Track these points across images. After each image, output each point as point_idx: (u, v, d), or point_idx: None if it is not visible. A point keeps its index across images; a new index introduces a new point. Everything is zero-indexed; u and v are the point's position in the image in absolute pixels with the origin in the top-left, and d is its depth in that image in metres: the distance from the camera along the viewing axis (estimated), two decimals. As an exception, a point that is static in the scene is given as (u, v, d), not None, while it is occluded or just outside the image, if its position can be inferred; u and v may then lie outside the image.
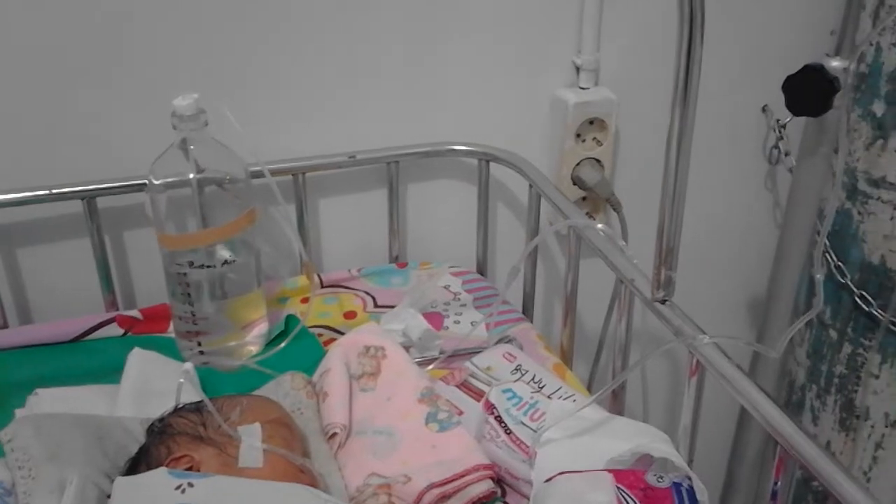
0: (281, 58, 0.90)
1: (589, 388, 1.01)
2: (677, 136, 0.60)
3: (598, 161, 1.02)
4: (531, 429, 0.70)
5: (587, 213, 1.08)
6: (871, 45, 0.89)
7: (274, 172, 0.87)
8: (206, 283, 0.78)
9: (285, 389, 0.73)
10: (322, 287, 0.95)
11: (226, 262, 0.78)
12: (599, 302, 1.04)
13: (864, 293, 0.96)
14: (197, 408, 0.66)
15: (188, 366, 0.69)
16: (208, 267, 0.78)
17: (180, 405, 0.67)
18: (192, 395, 0.68)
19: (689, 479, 0.60)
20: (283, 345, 0.81)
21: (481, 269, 1.03)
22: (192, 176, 0.76)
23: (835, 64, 0.74)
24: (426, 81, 0.96)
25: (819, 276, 0.65)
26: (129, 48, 0.85)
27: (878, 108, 0.90)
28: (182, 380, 0.68)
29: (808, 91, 0.74)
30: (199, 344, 0.81)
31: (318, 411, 0.71)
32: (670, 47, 0.59)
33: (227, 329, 0.81)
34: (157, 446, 0.63)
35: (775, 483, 0.55)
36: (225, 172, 0.77)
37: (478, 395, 0.75)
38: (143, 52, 0.85)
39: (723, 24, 1.03)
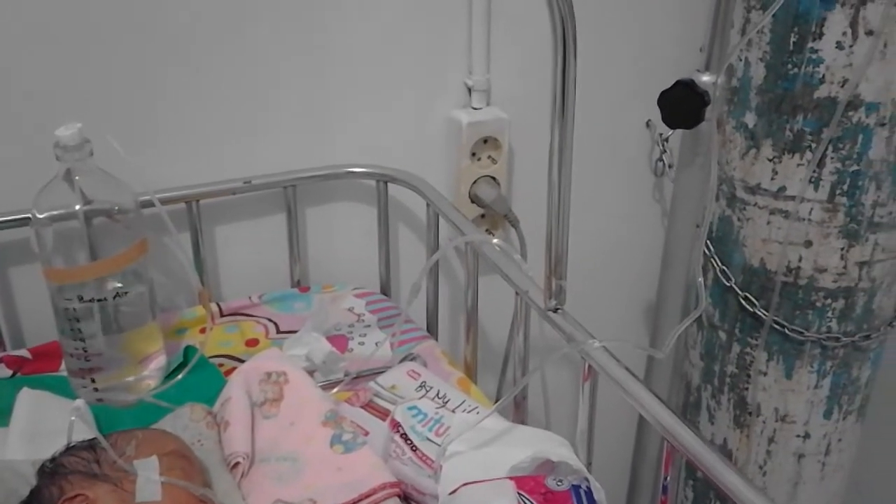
0: (170, 83, 0.89)
1: (496, 401, 1.03)
2: (558, 150, 0.63)
3: (494, 179, 1.05)
4: (437, 444, 0.70)
5: (487, 230, 1.10)
6: (741, 60, 0.95)
7: (166, 201, 0.86)
8: (97, 317, 0.76)
9: (184, 422, 0.71)
10: (222, 316, 0.94)
11: (117, 294, 0.76)
12: (503, 316, 1.06)
13: (748, 295, 1.01)
14: (90, 445, 0.64)
15: (79, 402, 0.67)
16: (98, 301, 0.75)
17: (72, 443, 0.65)
18: (85, 433, 0.66)
19: (588, 480, 0.61)
20: (180, 377, 0.79)
21: (385, 290, 1.04)
22: (78, 207, 0.74)
23: (705, 78, 0.78)
24: (322, 105, 0.96)
25: (700, 280, 0.69)
26: (6, 77, 0.82)
27: (750, 119, 0.95)
28: (73, 417, 0.65)
29: (681, 105, 0.78)
30: (93, 381, 0.78)
31: (219, 442, 0.70)
32: (554, 67, 0.62)
33: (123, 364, 0.79)
34: (48, 487, 0.61)
35: (665, 477, 0.58)
36: (113, 203, 0.75)
37: (383, 414, 0.76)
38: (21, 80, 0.83)
39: (605, 45, 1.08)
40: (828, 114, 0.90)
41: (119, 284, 0.76)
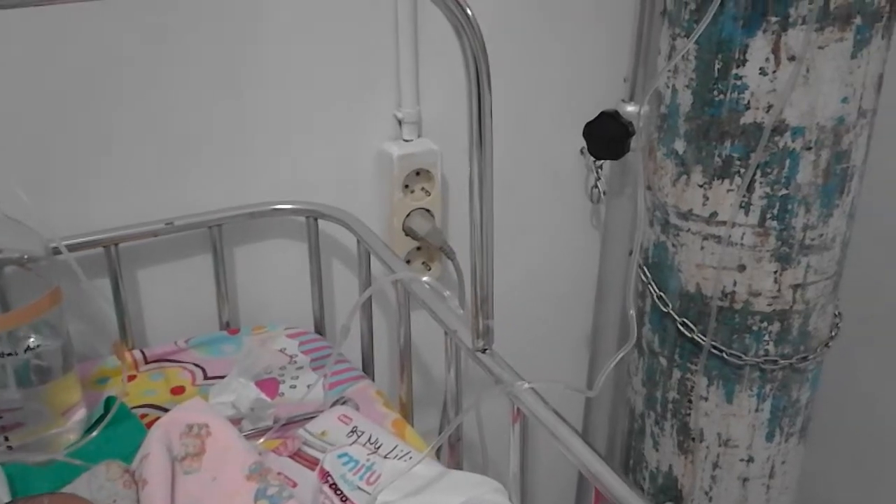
0: (85, 124, 0.86)
1: (437, 437, 1.00)
2: (478, 184, 0.62)
3: (428, 211, 1.03)
4: (368, 493, 0.68)
5: (423, 263, 1.08)
6: (668, 87, 0.95)
7: (82, 246, 0.83)
8: (9, 372, 0.72)
9: (100, 481, 0.67)
10: (147, 363, 0.90)
11: (29, 347, 0.72)
12: (442, 351, 1.05)
13: (685, 320, 1.01)
14: (-7, 514, 0.60)
15: (-18, 468, 0.63)
16: (9, 355, 0.72)
17: (-26, 513, 0.61)
18: (-10, 499, 0.62)
19: (520, 527, 0.60)
20: (95, 433, 0.75)
21: (319, 329, 1.01)
22: (-16, 257, 0.70)
23: (629, 109, 0.78)
24: (249, 141, 0.94)
25: (631, 313, 0.67)
26: None
27: (680, 146, 0.95)
28: (-24, 484, 0.62)
29: (606, 136, 0.78)
30: (7, 439, 0.74)
31: (137, 501, 0.67)
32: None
33: (41, 419, 0.75)
34: (-54, 563, 0.57)
35: (596, 524, 0.56)
36: (23, 251, 0.72)
37: (312, 463, 0.73)
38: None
39: (536, 72, 1.08)
40: (754, 139, 0.90)
41: (31, 337, 0.73)
